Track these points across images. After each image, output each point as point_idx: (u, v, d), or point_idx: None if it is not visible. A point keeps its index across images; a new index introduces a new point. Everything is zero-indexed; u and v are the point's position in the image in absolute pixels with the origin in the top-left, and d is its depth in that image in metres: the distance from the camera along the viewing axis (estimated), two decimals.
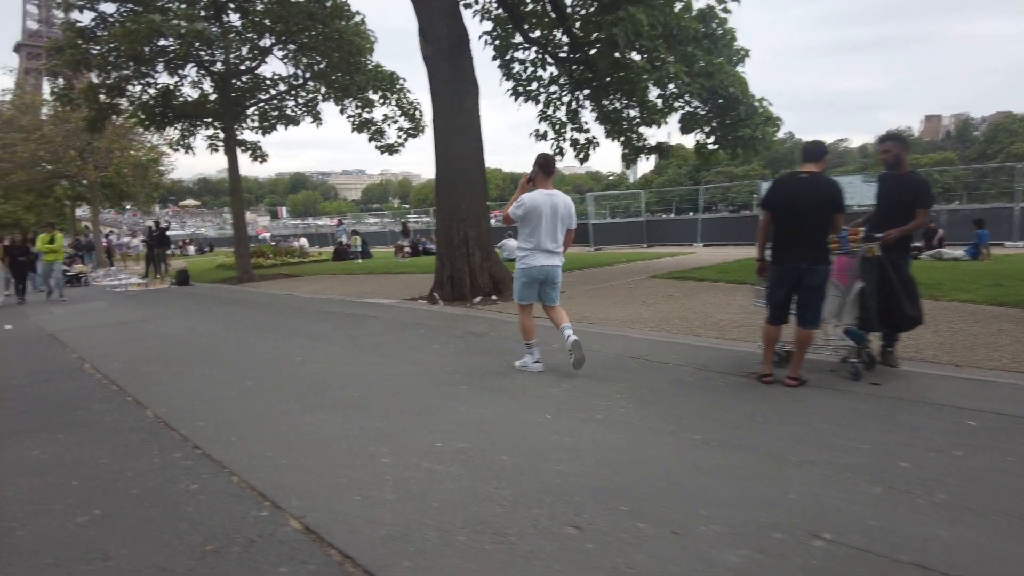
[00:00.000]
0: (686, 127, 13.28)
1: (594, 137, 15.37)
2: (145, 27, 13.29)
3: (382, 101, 17.68)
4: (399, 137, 18.25)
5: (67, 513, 2.89)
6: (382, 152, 18.74)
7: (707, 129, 13.26)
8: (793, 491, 2.81)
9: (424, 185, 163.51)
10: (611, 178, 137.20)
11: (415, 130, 17.85)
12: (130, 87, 16.81)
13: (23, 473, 3.44)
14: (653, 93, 12.65)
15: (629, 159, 15.36)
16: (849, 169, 72.48)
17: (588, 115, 14.81)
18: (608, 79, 12.51)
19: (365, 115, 18.32)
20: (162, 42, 15.29)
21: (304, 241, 30.43)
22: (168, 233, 22.58)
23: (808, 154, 4.58)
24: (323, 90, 18.81)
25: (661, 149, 14.68)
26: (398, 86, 17.41)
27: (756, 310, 5.51)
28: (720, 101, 12.10)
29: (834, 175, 10.04)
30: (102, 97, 16.24)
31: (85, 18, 15.38)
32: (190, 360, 6.35)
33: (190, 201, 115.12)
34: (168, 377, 5.57)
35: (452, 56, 9.81)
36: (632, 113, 14.61)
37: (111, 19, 15.08)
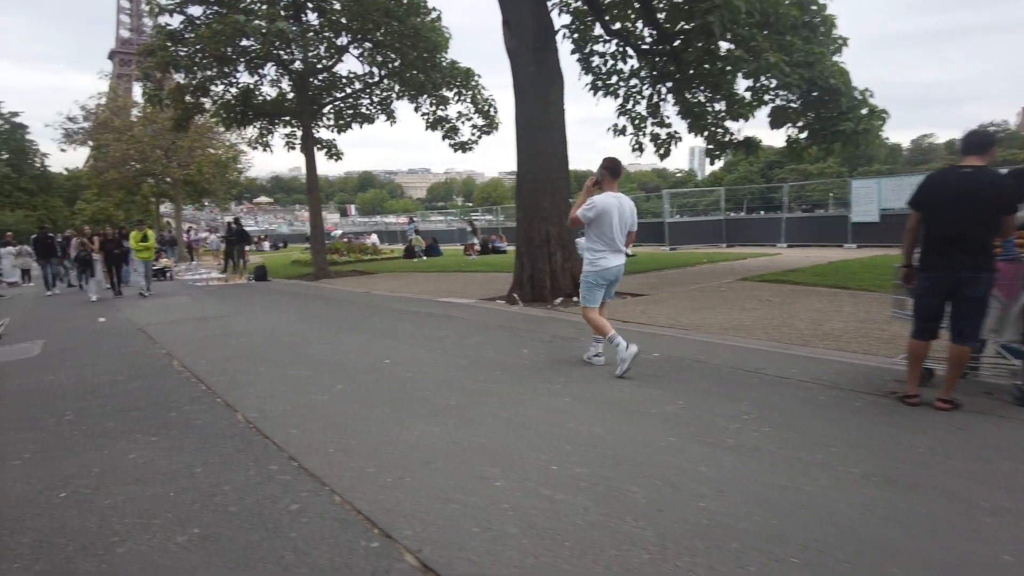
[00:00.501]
0: (776, 121, 12.46)
1: (676, 132, 14.73)
2: (230, 28, 13.58)
3: (457, 98, 17.53)
4: (472, 135, 18.07)
5: (166, 530, 2.69)
6: (455, 150, 18.62)
7: (800, 123, 12.44)
8: (1006, 550, 2.29)
9: (488, 184, 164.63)
10: (679, 175, 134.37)
11: (489, 127, 17.63)
12: (213, 87, 17.28)
13: (122, 479, 3.28)
14: (741, 86, 11.94)
15: (713, 155, 14.60)
16: (935, 166, 68.27)
17: (669, 109, 14.23)
18: (693, 72, 11.90)
19: (439, 113, 18.22)
20: (244, 42, 15.63)
21: (375, 238, 30.85)
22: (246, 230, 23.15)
23: (971, 146, 3.96)
24: (397, 88, 18.87)
25: (749, 144, 13.88)
26: (473, 82, 17.21)
27: (874, 319, 4.92)
28: (815, 94, 11.27)
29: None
30: (188, 98, 16.76)
31: (174, 21, 15.89)
32: (276, 359, 6.22)
33: (263, 198, 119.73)
34: (256, 377, 5.44)
35: (537, 48, 9.45)
36: (718, 107, 13.90)
37: (198, 21, 15.51)
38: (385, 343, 6.84)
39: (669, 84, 13.83)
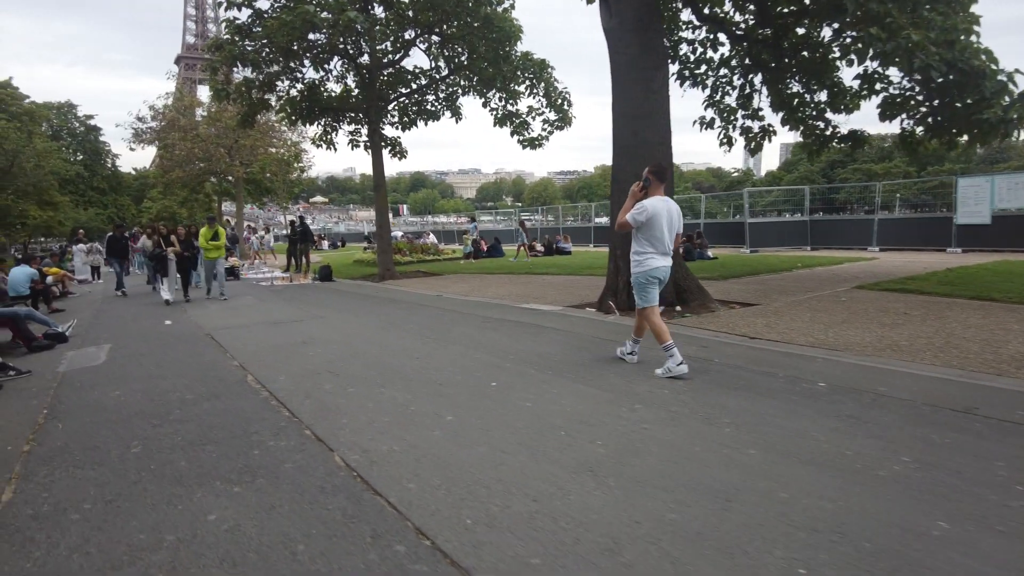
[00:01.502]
0: (888, 112, 11.09)
1: (770, 125, 13.53)
2: (299, 18, 13.04)
3: (529, 92, 16.64)
4: (544, 130, 17.16)
5: None
6: (524, 147, 17.74)
7: (917, 114, 11.04)
8: None
9: (537, 183, 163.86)
10: (735, 174, 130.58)
11: (562, 122, 16.68)
12: (279, 83, 16.89)
13: (202, 556, 2.48)
14: (846, 75, 10.64)
15: (812, 150, 13.29)
16: (1013, 165, 63.82)
17: (763, 101, 13.05)
18: (793, 59, 10.70)
19: (509, 108, 17.37)
20: (311, 36, 15.14)
21: (432, 237, 30.32)
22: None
23: None
24: (464, 83, 18.17)
25: (856, 139, 12.52)
26: (546, 75, 16.29)
27: None
28: (951, 78, 9.88)
29: None
30: (254, 93, 16.39)
31: (243, 15, 15.53)
32: (364, 376, 5.43)
33: (319, 198, 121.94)
34: (346, 401, 4.64)
35: (639, 27, 8.46)
36: (817, 97, 12.61)
37: (266, 14, 15.09)
38: (482, 358, 5.97)
39: (763, 74, 12.66)
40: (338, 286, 15.16)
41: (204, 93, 30.64)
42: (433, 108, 18.94)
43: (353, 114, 18.07)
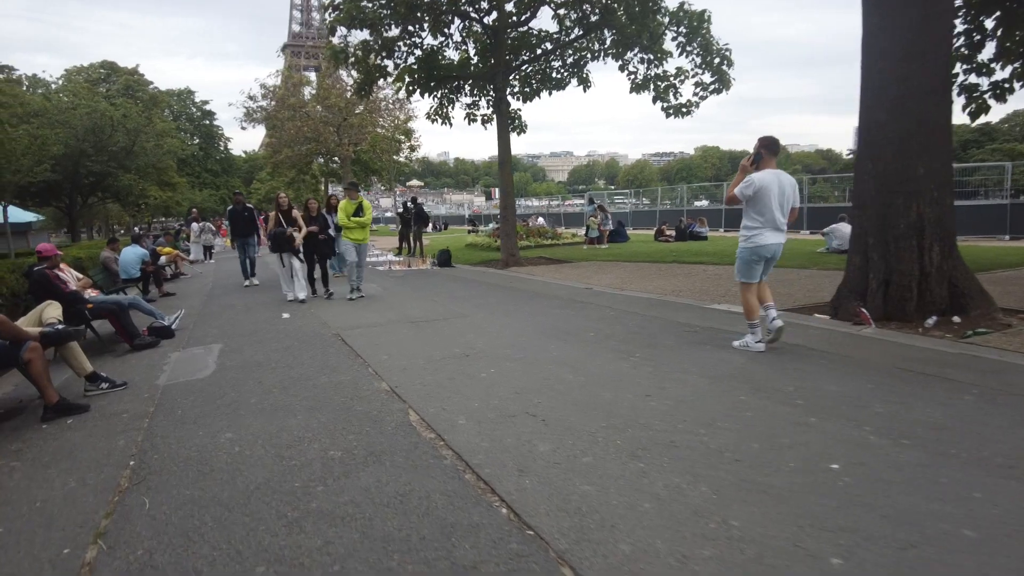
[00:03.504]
0: None
1: (1003, 81, 10.62)
2: None
3: (680, 51, 14.21)
4: (696, 94, 14.68)
5: None
6: (668, 115, 15.31)
7: None
8: None
9: (633, 166, 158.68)
10: (849, 156, 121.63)
11: (720, 85, 14.12)
12: (397, 48, 15.37)
13: None
14: None
15: None
16: None
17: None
18: None
19: (653, 70, 15.01)
20: None
21: (541, 220, 28.40)
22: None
23: None
24: (595, 46, 16.00)
25: None
26: (704, 30, 13.80)
27: None
28: None
29: None
30: (371, 58, 14.97)
31: None
32: (590, 431, 3.49)
33: (415, 181, 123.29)
34: (597, 491, 2.69)
35: None
36: None
37: None
38: (761, 407, 3.86)
39: (1000, 13, 9.87)
40: (460, 273, 13.47)
41: (311, 79, 30.15)
42: (559, 76, 16.95)
43: (473, 83, 16.38)
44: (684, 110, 15.17)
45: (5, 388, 5.24)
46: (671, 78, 14.95)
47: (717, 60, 14.02)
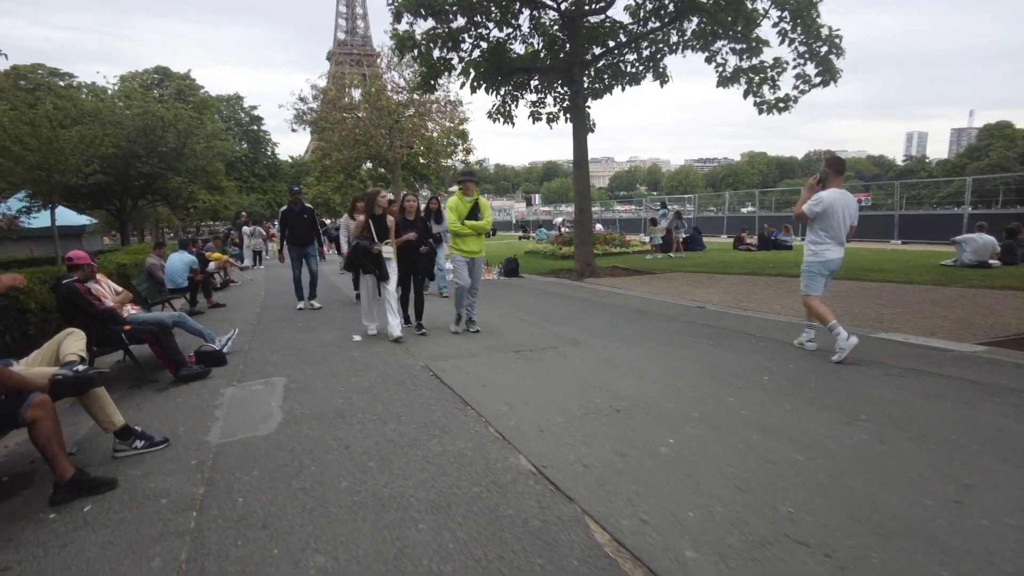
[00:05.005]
0: None
1: None
2: None
3: (781, 39, 12.59)
4: (795, 88, 13.03)
5: None
6: (761, 111, 13.71)
7: None
8: None
9: (677, 171, 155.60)
10: (906, 163, 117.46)
11: (826, 75, 12.44)
12: (462, 39, 14.17)
13: None
14: None
15: None
16: None
17: None
18: None
19: (745, 62, 13.44)
20: None
21: (599, 227, 26.93)
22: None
23: None
24: (674, 38, 14.55)
25: None
26: (808, 15, 12.15)
27: None
28: None
29: None
30: (436, 52, 13.81)
31: None
32: (897, 559, 2.02)
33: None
34: None
35: None
36: None
37: None
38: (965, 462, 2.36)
39: None
40: (533, 284, 12.09)
41: (362, 78, 29.36)
42: (634, 69, 15.53)
43: (540, 77, 15.11)
44: (781, 105, 13.52)
45: (16, 437, 4.05)
46: (768, 70, 13.34)
47: (824, 48, 12.35)
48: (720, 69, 14.17)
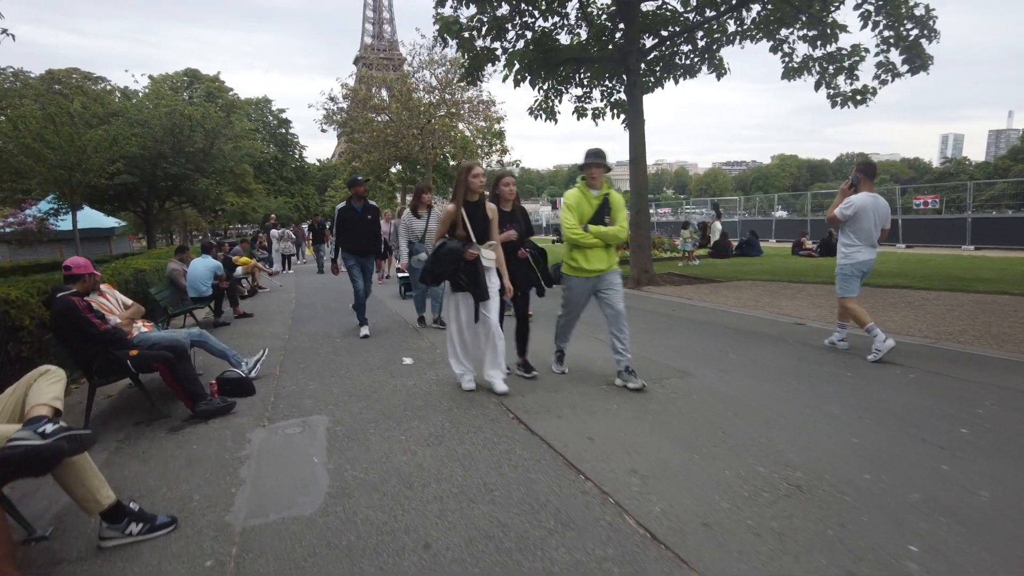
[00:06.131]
0: None
1: None
2: None
3: (864, 23, 11.32)
4: (878, 76, 11.74)
5: None
6: (835, 104, 12.46)
7: None
8: None
9: (705, 175, 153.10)
10: (945, 165, 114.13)
11: (915, 62, 11.12)
12: (506, 29, 13.16)
13: None
14: None
15: None
16: None
17: None
18: None
19: (819, 50, 12.20)
20: None
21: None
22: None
23: None
24: (730, 27, 13.41)
25: None
26: None
27: None
28: None
29: None
30: (479, 42, 12.83)
31: None
32: None
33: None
34: None
35: None
36: None
37: None
38: None
39: None
40: None
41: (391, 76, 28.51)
42: (688, 61, 14.39)
43: (587, 69, 14.06)
44: (859, 98, 12.24)
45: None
46: (844, 58, 12.07)
47: (914, 31, 11.04)
48: (787, 59, 12.97)
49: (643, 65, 14.10)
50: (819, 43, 12.22)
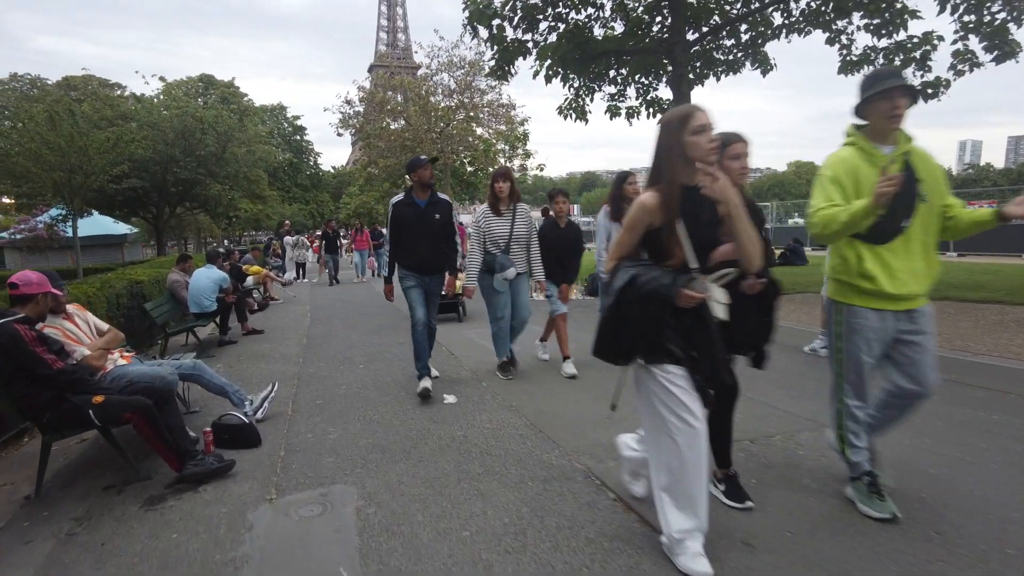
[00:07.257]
0: None
1: None
2: None
3: (940, 8, 10.17)
4: (952, 68, 10.57)
5: None
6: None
7: None
8: None
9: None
10: (967, 171, 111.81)
11: (1003, 49, 9.92)
12: (538, 20, 12.19)
13: None
14: None
15: None
16: None
17: None
18: None
19: (883, 40, 11.07)
20: None
21: None
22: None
23: None
24: (775, 20, 12.36)
25: None
26: None
27: None
28: None
29: None
30: (508, 34, 11.87)
31: None
32: None
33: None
34: None
35: None
36: None
37: None
38: None
39: None
40: None
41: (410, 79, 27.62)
42: (731, 57, 13.35)
43: (623, 64, 13.05)
44: (930, 91, 11.07)
45: None
46: (915, 47, 10.91)
47: (1002, 14, 9.87)
48: (844, 52, 11.84)
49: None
50: (884, 31, 11.07)
